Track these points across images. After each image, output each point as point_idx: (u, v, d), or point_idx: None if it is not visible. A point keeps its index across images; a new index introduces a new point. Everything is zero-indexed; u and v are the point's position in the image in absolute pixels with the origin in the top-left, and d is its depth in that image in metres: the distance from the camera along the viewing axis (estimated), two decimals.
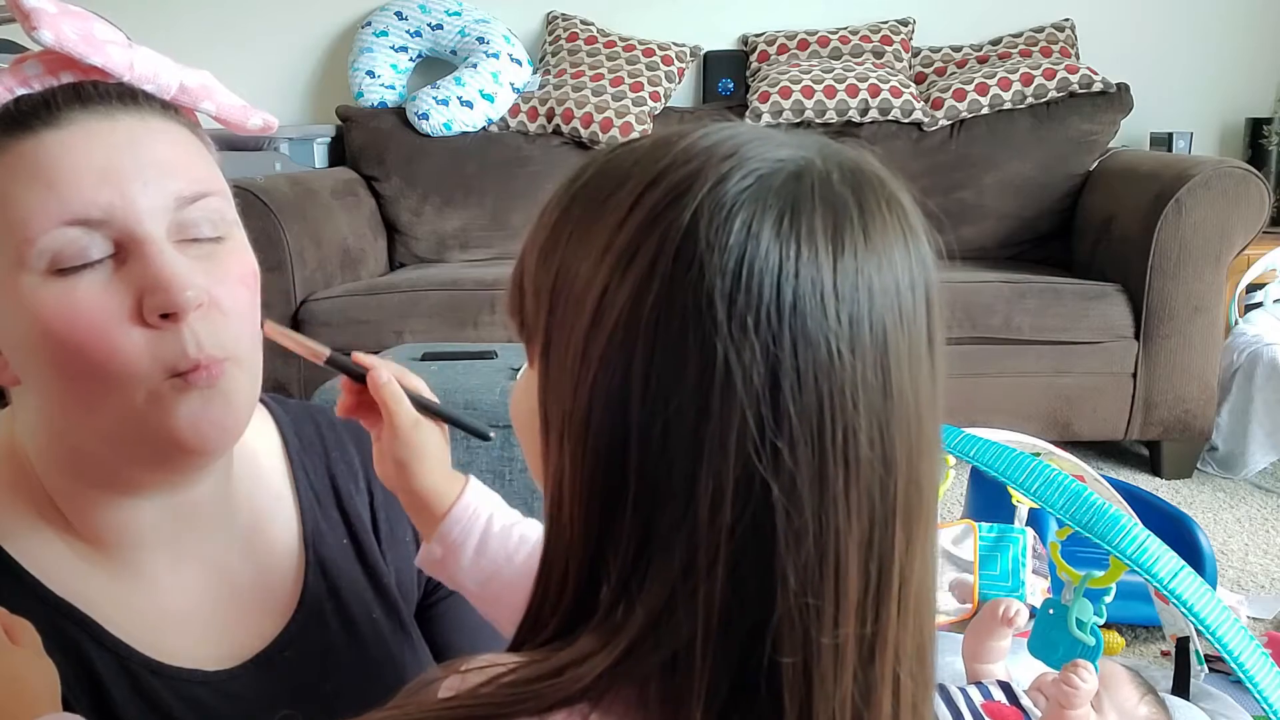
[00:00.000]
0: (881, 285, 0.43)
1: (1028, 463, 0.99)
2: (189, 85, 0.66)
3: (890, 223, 0.44)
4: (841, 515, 0.41)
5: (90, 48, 0.61)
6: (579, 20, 3.13)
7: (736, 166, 0.42)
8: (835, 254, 0.41)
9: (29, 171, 0.59)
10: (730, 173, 0.41)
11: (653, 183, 0.42)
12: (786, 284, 0.40)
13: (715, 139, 0.44)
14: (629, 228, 0.42)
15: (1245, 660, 0.89)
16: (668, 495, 0.41)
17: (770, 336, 0.40)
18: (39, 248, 0.58)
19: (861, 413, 0.41)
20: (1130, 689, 1.20)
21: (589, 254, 0.43)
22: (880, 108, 2.82)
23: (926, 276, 0.46)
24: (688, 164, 0.42)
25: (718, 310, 0.40)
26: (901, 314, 0.44)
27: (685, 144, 0.44)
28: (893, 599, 0.43)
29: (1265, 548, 2.03)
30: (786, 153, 0.43)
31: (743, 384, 0.40)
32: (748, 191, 0.41)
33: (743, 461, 0.40)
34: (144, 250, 0.60)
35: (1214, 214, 2.25)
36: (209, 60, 0.68)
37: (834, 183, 0.43)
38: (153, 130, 0.63)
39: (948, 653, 1.38)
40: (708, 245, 0.40)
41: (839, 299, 0.41)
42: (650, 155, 0.44)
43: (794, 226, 0.41)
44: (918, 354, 0.44)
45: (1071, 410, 2.38)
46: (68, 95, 0.61)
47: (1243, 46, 3.07)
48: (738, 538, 0.40)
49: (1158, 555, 0.91)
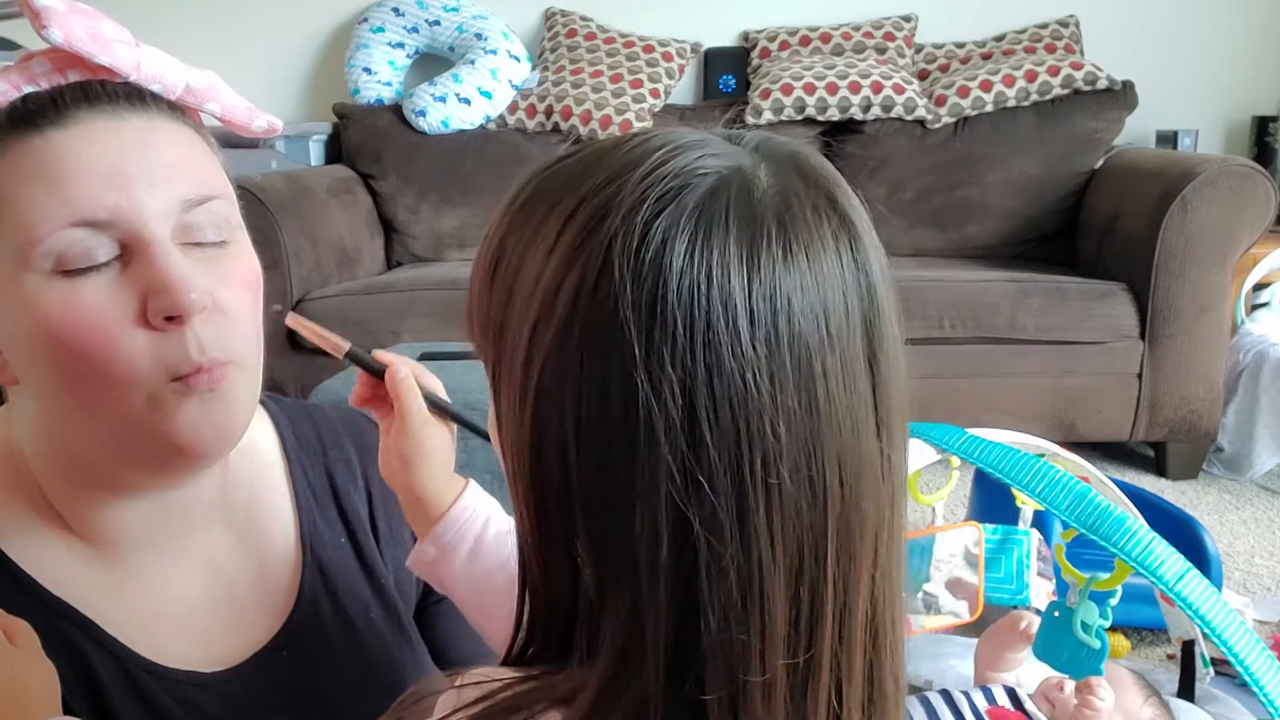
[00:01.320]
0: (804, 304, 0.41)
1: (1032, 464, 0.98)
2: (195, 86, 0.66)
3: (819, 232, 0.42)
4: (764, 546, 0.40)
5: (98, 46, 0.61)
6: (578, 16, 3.12)
7: (653, 185, 0.40)
8: (749, 276, 0.40)
9: (35, 171, 0.59)
10: (646, 195, 0.40)
11: (575, 211, 0.41)
12: (699, 313, 0.39)
13: (638, 153, 0.42)
14: (555, 261, 0.41)
15: (1251, 663, 0.88)
16: (611, 537, 0.40)
17: (685, 369, 0.39)
18: (44, 248, 0.59)
19: (783, 440, 0.40)
20: (1135, 691, 1.20)
21: (523, 286, 0.42)
22: (883, 105, 2.80)
23: (867, 282, 0.43)
24: (605, 187, 0.41)
25: (634, 345, 0.39)
26: (830, 331, 0.41)
27: (608, 162, 0.42)
28: (827, 626, 0.42)
29: (1271, 549, 2.01)
30: (711, 163, 0.42)
31: (663, 420, 0.39)
32: (662, 216, 0.40)
33: (672, 500, 0.39)
34: (149, 253, 0.60)
35: (1220, 212, 2.23)
36: (204, 57, 0.68)
37: (755, 196, 0.41)
38: (160, 131, 0.63)
39: (951, 657, 1.37)
40: (621, 277, 0.39)
41: (754, 324, 0.40)
42: (576, 178, 0.43)
43: (705, 252, 0.39)
44: (853, 370, 0.42)
45: (1076, 411, 2.36)
46: (75, 94, 0.61)
47: (1249, 44, 3.05)
48: (678, 579, 0.40)
49: (1163, 557, 0.90)
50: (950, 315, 2.34)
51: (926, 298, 2.35)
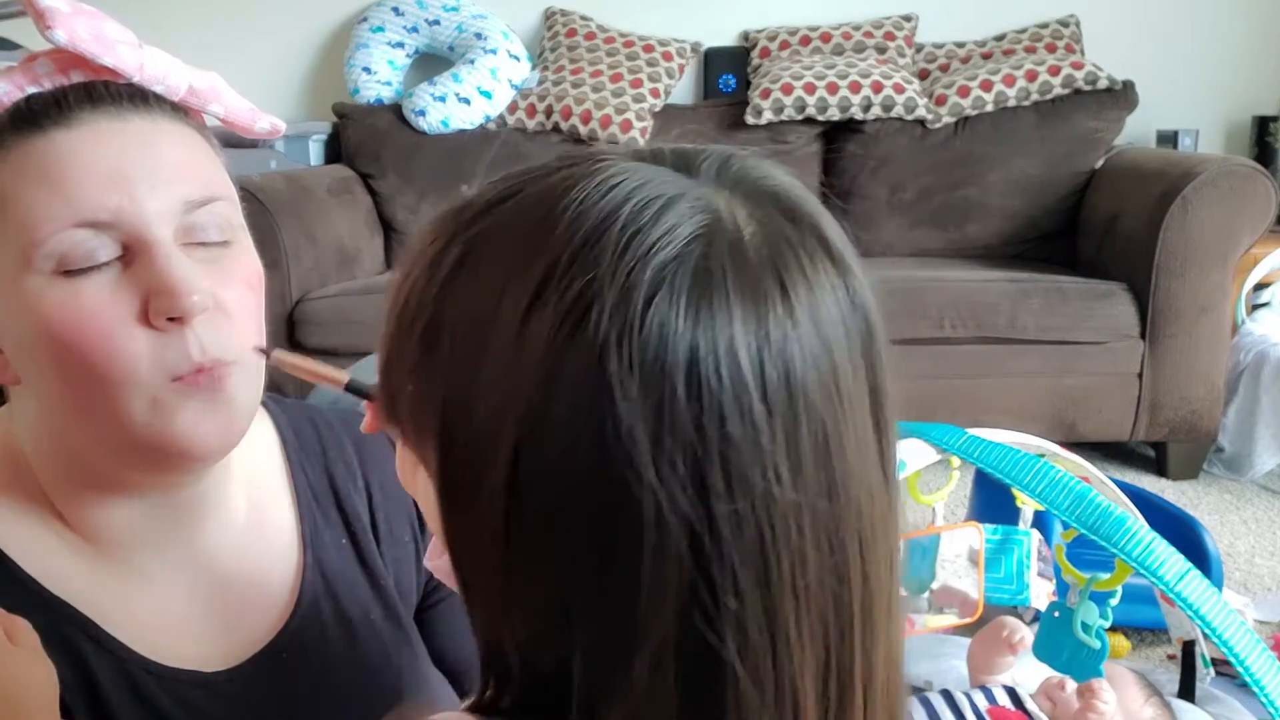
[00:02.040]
0: (817, 377, 0.37)
1: (1032, 464, 0.98)
2: (198, 87, 0.66)
3: (817, 282, 0.38)
4: (795, 651, 0.37)
5: (102, 47, 0.62)
6: (578, 16, 3.12)
7: (636, 264, 0.36)
8: (762, 360, 0.36)
9: (38, 171, 0.59)
10: (632, 279, 0.35)
11: (541, 290, 0.36)
12: (712, 417, 0.35)
13: (596, 209, 0.37)
14: (532, 362, 0.36)
15: (1251, 663, 0.88)
16: (611, 662, 0.36)
17: (702, 483, 0.35)
18: (46, 249, 0.59)
19: (808, 536, 0.37)
20: (1135, 691, 1.20)
21: (484, 387, 0.37)
22: (883, 104, 2.80)
23: (867, 325, 0.40)
24: (575, 261, 0.36)
25: (643, 463, 0.35)
26: (841, 395, 0.38)
27: (562, 217, 0.37)
28: (856, 700, 0.39)
29: (1272, 550, 2.01)
30: (689, 220, 0.37)
31: (683, 540, 0.35)
32: (655, 304, 0.35)
33: (684, 622, 0.36)
34: (152, 253, 0.60)
35: (1220, 212, 2.23)
36: (204, 56, 0.68)
37: (748, 255, 0.37)
38: (163, 132, 0.63)
39: (952, 657, 1.36)
40: (624, 387, 0.35)
41: (771, 413, 0.36)
42: (527, 239, 0.38)
43: (711, 341, 0.35)
44: (864, 433, 0.39)
45: (1077, 411, 2.36)
46: (79, 95, 0.61)
47: (1249, 44, 3.05)
48: (683, 700, 0.36)
49: (1164, 558, 0.90)
50: (950, 315, 2.34)
51: (927, 298, 2.35)
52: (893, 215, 2.83)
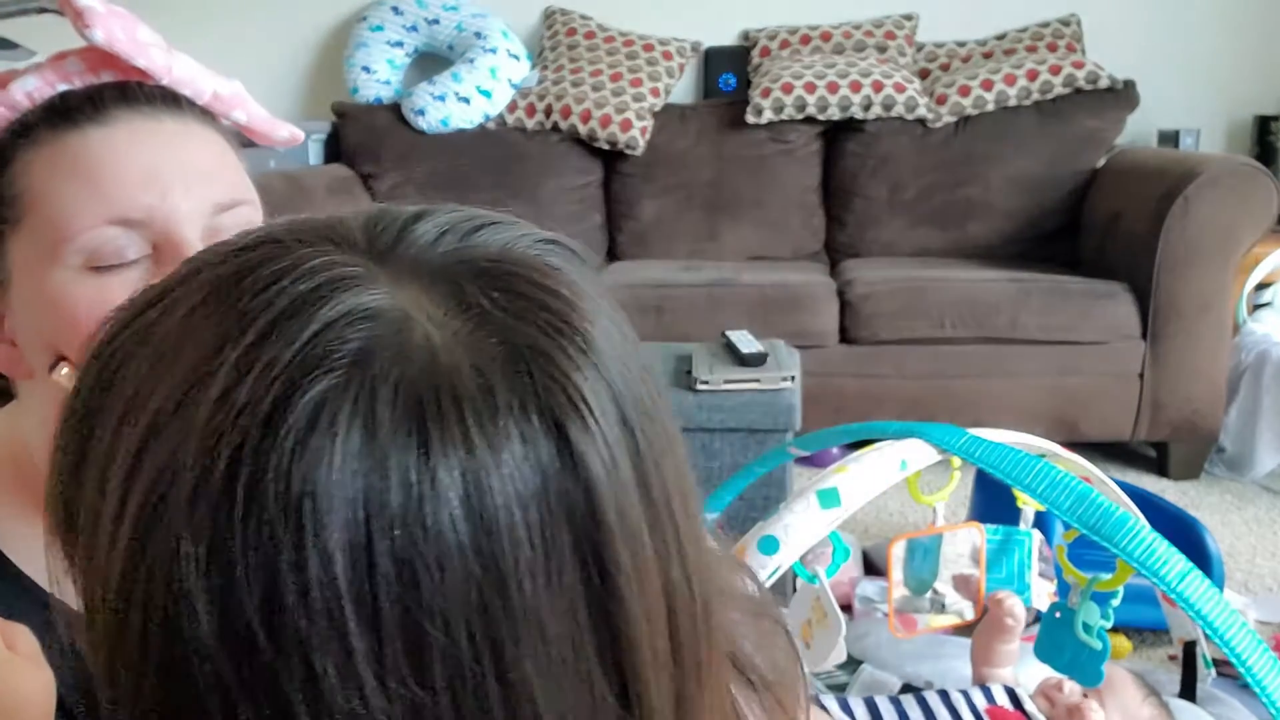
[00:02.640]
0: (458, 567, 0.30)
1: (1033, 464, 0.98)
2: (222, 93, 0.67)
3: (508, 422, 0.31)
4: None
5: (135, 48, 0.63)
6: (578, 15, 3.11)
7: (299, 437, 0.29)
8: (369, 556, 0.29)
9: (72, 167, 0.60)
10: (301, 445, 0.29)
11: (135, 469, 0.31)
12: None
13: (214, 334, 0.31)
14: (119, 550, 0.31)
15: (1253, 664, 0.87)
16: None
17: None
18: (77, 245, 0.59)
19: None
20: (1133, 690, 1.20)
21: (94, 576, 0.32)
22: (884, 104, 2.80)
23: (581, 490, 0.31)
24: (203, 447, 0.30)
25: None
26: (508, 601, 0.31)
27: (190, 361, 0.31)
28: None
29: (1273, 550, 2.01)
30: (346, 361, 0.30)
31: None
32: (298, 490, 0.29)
33: None
34: (181, 253, 0.60)
35: (1222, 212, 2.22)
36: (204, 56, 0.69)
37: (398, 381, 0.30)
38: (194, 135, 0.64)
39: (953, 658, 1.36)
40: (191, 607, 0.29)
41: (361, 620, 0.29)
42: (152, 377, 0.32)
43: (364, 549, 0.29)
44: (560, 647, 0.32)
45: (1078, 411, 2.36)
46: (113, 94, 0.62)
47: (1250, 43, 3.04)
48: None
49: (1165, 558, 0.89)
50: (951, 315, 2.34)
51: (928, 297, 2.35)
52: (893, 215, 2.82)
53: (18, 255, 0.62)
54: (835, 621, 1.09)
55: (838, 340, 2.39)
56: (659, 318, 2.41)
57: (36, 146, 0.61)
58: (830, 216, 2.91)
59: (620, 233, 2.98)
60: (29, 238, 0.61)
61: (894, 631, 1.22)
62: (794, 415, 1.67)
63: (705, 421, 1.66)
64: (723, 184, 2.89)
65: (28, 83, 0.62)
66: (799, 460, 1.77)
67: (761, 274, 2.56)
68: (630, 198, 2.95)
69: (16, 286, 0.62)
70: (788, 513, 0.97)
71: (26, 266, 0.61)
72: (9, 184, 0.61)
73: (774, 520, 0.97)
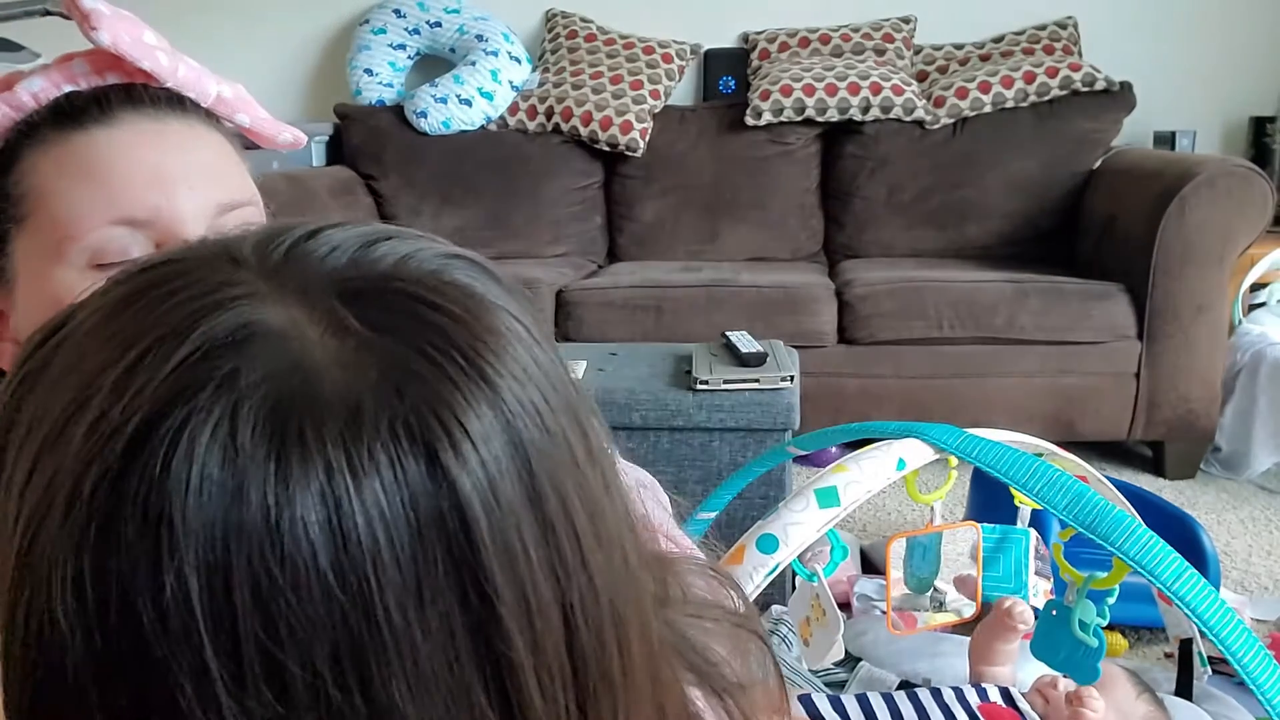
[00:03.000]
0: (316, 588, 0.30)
1: (1030, 463, 0.98)
2: (225, 96, 0.68)
3: (375, 449, 0.30)
4: None
5: (141, 51, 0.63)
6: (578, 18, 3.12)
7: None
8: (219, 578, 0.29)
9: (79, 168, 0.61)
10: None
11: (20, 509, 0.31)
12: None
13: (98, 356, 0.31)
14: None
15: (1249, 662, 0.88)
16: None
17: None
18: (83, 244, 0.60)
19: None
20: (1128, 688, 1.20)
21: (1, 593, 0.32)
22: (882, 106, 2.81)
23: (455, 516, 0.31)
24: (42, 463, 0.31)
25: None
26: (374, 641, 0.30)
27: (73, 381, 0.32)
28: None
29: (1269, 549, 2.02)
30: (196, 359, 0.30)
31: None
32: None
33: None
34: None
35: (1217, 213, 2.23)
36: (205, 57, 0.69)
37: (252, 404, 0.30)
38: (199, 136, 0.65)
39: (950, 655, 1.37)
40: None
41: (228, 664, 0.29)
42: (46, 410, 0.32)
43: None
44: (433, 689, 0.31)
45: (1074, 410, 2.37)
46: (119, 95, 0.63)
47: (1246, 45, 3.05)
48: None
49: (1161, 556, 0.90)
50: (949, 315, 2.35)
51: (925, 298, 2.36)
52: (891, 216, 2.84)
53: (22, 254, 0.62)
54: (834, 619, 1.10)
55: (836, 340, 2.40)
56: (659, 318, 2.42)
57: (43, 146, 0.62)
58: (829, 218, 2.93)
59: (621, 234, 2.99)
60: (34, 237, 0.61)
61: (892, 629, 1.23)
62: (793, 415, 1.68)
63: (704, 421, 1.67)
64: (722, 185, 2.91)
65: (33, 84, 0.63)
66: (798, 459, 1.78)
67: (761, 275, 2.57)
68: (630, 199, 2.96)
69: (21, 285, 0.63)
70: (787, 511, 0.97)
71: (31, 265, 0.62)
72: (15, 183, 0.62)
73: (773, 519, 0.97)
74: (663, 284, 2.50)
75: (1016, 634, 1.20)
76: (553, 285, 2.52)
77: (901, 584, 1.24)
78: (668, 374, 1.80)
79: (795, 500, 0.98)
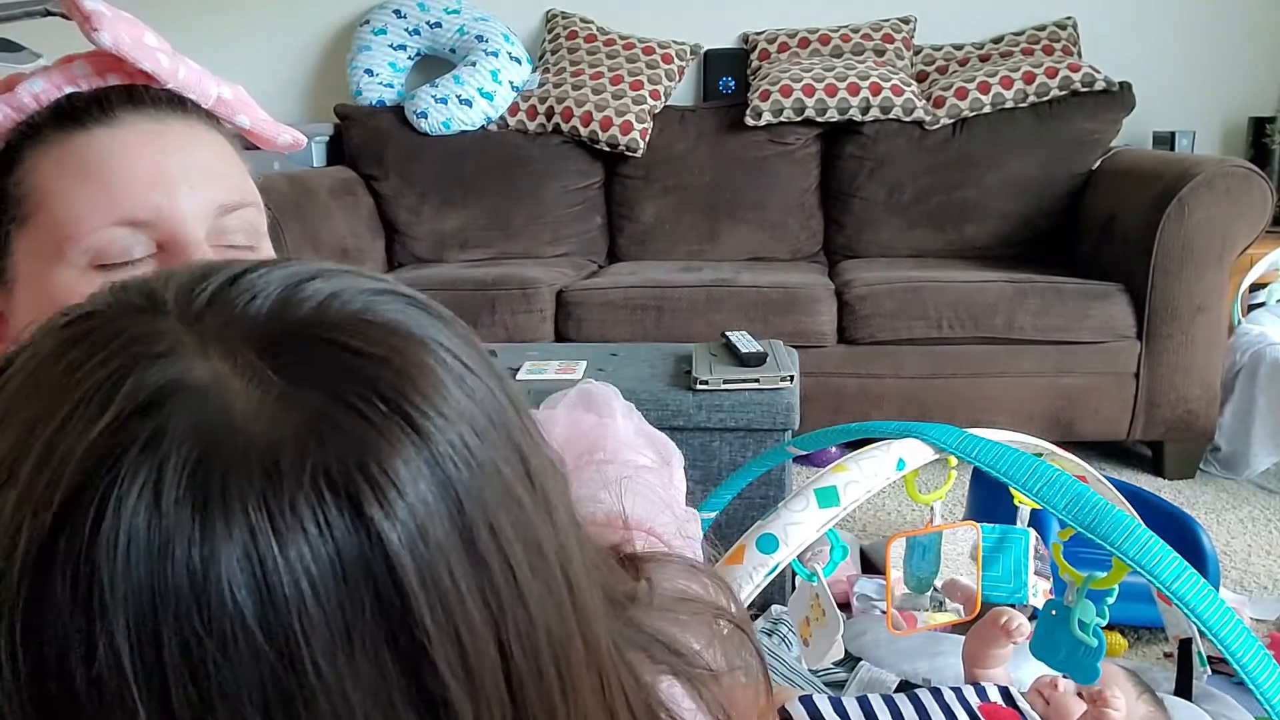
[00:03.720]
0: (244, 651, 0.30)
1: (1029, 463, 0.99)
2: (226, 98, 0.68)
3: (298, 507, 0.30)
4: None
5: (142, 52, 0.63)
6: (579, 18, 3.13)
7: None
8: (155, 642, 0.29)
9: (80, 168, 0.61)
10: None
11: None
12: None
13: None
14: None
15: (1248, 661, 0.88)
16: None
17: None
18: (84, 244, 0.60)
19: None
20: (1128, 688, 1.21)
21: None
22: (882, 106, 2.81)
23: (386, 575, 0.31)
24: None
25: None
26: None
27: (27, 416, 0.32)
28: None
29: (1268, 549, 2.02)
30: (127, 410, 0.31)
31: None
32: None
33: None
34: (187, 253, 0.61)
35: (1217, 213, 2.24)
36: (206, 58, 0.69)
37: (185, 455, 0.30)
38: (200, 137, 0.65)
39: (949, 655, 1.37)
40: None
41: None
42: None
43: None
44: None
45: (1074, 410, 2.37)
46: (120, 96, 0.63)
47: (1246, 45, 3.06)
48: None
49: (1160, 556, 0.90)
50: (948, 315, 2.35)
51: (925, 298, 2.36)
52: (891, 216, 2.84)
53: (23, 254, 0.62)
54: (833, 619, 1.10)
55: (836, 340, 2.40)
56: (658, 318, 2.42)
57: (44, 147, 0.62)
58: (828, 218, 2.93)
59: (621, 234, 2.99)
60: (35, 237, 0.61)
61: (892, 629, 1.23)
62: (792, 415, 1.69)
63: (704, 421, 1.68)
64: (722, 186, 2.91)
65: (35, 85, 0.63)
66: (798, 459, 1.79)
67: (760, 275, 2.57)
68: (630, 199, 2.96)
69: (21, 285, 0.63)
70: (786, 511, 0.97)
71: (32, 266, 0.62)
72: (16, 184, 0.62)
73: (773, 519, 0.97)
74: (663, 284, 2.50)
75: (1010, 641, 1.20)
76: (553, 285, 2.52)
77: (901, 584, 1.24)
78: (668, 374, 1.80)
79: (795, 500, 0.98)
